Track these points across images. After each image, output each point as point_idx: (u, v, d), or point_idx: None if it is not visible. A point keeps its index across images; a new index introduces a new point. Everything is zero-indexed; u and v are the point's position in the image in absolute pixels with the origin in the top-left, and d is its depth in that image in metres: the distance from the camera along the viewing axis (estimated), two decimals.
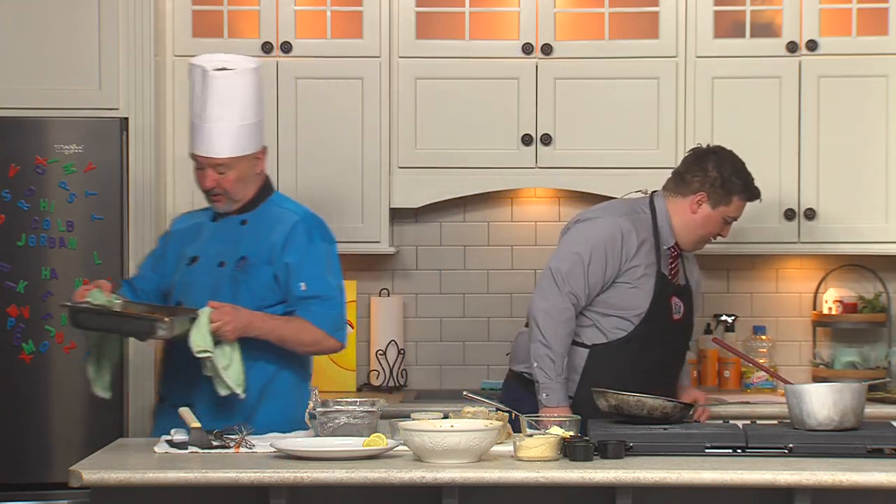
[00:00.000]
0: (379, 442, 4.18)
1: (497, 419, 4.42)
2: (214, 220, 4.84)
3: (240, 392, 4.55)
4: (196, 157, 4.75)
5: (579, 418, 4.37)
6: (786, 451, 4.23)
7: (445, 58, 5.90)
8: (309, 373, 4.89)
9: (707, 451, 4.24)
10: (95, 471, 3.97)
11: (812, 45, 5.84)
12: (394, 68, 5.89)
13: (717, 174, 4.99)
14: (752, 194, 5.05)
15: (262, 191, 4.84)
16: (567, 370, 4.87)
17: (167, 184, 5.81)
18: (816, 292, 6.20)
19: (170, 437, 4.41)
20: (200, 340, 4.50)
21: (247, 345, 4.60)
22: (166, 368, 4.84)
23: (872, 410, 5.25)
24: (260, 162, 4.81)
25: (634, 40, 5.89)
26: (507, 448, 4.24)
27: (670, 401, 4.51)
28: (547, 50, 5.86)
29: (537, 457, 4.09)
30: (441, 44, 5.90)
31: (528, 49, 5.88)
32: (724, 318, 6.15)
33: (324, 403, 4.42)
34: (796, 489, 3.96)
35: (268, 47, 5.85)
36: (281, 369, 4.75)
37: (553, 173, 5.91)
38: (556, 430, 4.19)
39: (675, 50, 5.87)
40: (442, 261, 6.24)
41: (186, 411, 4.39)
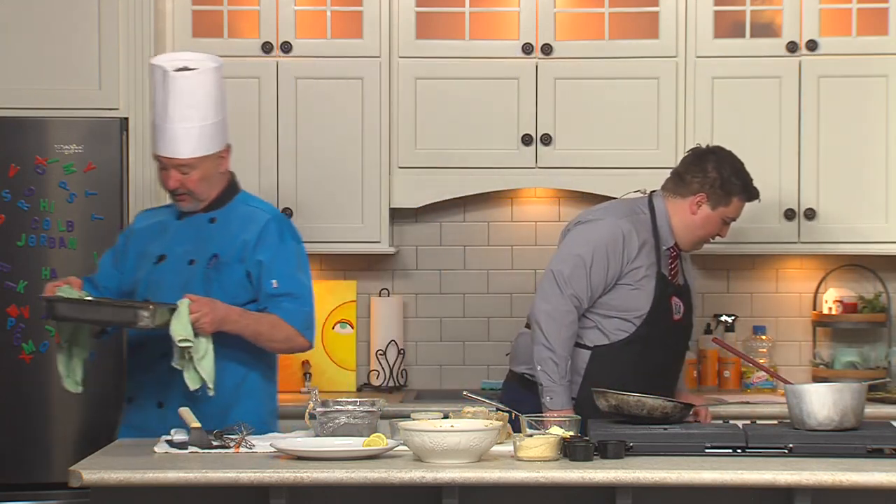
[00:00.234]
0: (379, 442, 4.17)
1: (497, 419, 4.41)
2: (180, 218, 4.80)
3: (211, 386, 4.51)
4: (159, 158, 4.72)
5: (579, 418, 4.37)
6: (786, 451, 4.22)
7: (445, 58, 5.89)
8: (275, 373, 4.88)
9: (707, 451, 4.23)
10: (95, 471, 3.97)
11: (812, 45, 5.84)
12: (394, 68, 5.89)
13: (716, 175, 4.98)
14: (752, 195, 5.05)
15: (229, 189, 4.81)
16: (570, 372, 4.87)
17: None
18: (816, 292, 6.19)
19: (170, 437, 4.40)
20: (182, 330, 4.46)
21: (218, 346, 4.56)
22: (133, 368, 4.80)
23: (872, 410, 5.25)
24: (224, 161, 4.78)
25: (634, 40, 5.89)
26: (507, 448, 4.24)
27: (670, 401, 4.51)
28: (547, 50, 5.86)
29: (537, 457, 4.08)
30: (441, 44, 5.90)
31: (528, 49, 5.87)
32: (724, 318, 6.14)
33: (324, 403, 4.41)
34: (796, 489, 3.96)
35: (268, 47, 5.85)
36: (251, 370, 4.75)
37: (553, 173, 5.91)
38: (556, 430, 4.19)
39: (675, 50, 5.87)
40: (442, 261, 6.24)
41: (186, 411, 4.38)
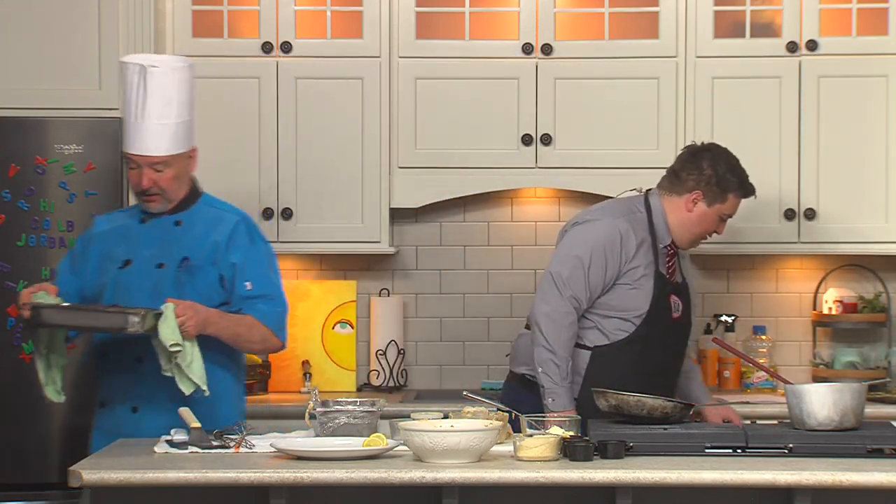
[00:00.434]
0: (379, 442, 4.17)
1: (497, 419, 4.41)
2: (143, 221, 4.77)
3: (204, 388, 4.50)
4: (131, 157, 4.68)
5: (579, 418, 4.37)
6: (786, 451, 4.22)
7: (445, 58, 5.89)
8: (244, 374, 4.90)
9: (707, 451, 4.23)
10: (95, 471, 3.97)
11: (812, 45, 5.84)
12: (394, 68, 5.89)
13: (712, 172, 4.98)
14: (748, 191, 5.04)
15: (193, 192, 4.80)
16: (571, 373, 4.87)
17: None
18: (816, 292, 6.19)
19: (170, 437, 4.40)
20: (171, 334, 4.44)
21: (200, 349, 4.54)
22: (102, 373, 4.77)
23: (872, 410, 5.25)
24: (193, 161, 4.78)
25: (634, 40, 5.88)
26: (507, 448, 4.24)
27: (670, 401, 4.50)
28: (547, 50, 5.86)
29: (537, 457, 4.08)
30: (441, 44, 5.90)
31: (528, 49, 5.87)
32: (724, 318, 6.14)
33: (324, 403, 4.41)
34: (796, 489, 3.96)
35: (268, 47, 5.85)
36: (227, 372, 4.75)
37: (553, 173, 5.91)
38: (556, 430, 4.19)
39: (675, 50, 5.87)
40: (442, 261, 6.24)
41: (186, 411, 4.38)
